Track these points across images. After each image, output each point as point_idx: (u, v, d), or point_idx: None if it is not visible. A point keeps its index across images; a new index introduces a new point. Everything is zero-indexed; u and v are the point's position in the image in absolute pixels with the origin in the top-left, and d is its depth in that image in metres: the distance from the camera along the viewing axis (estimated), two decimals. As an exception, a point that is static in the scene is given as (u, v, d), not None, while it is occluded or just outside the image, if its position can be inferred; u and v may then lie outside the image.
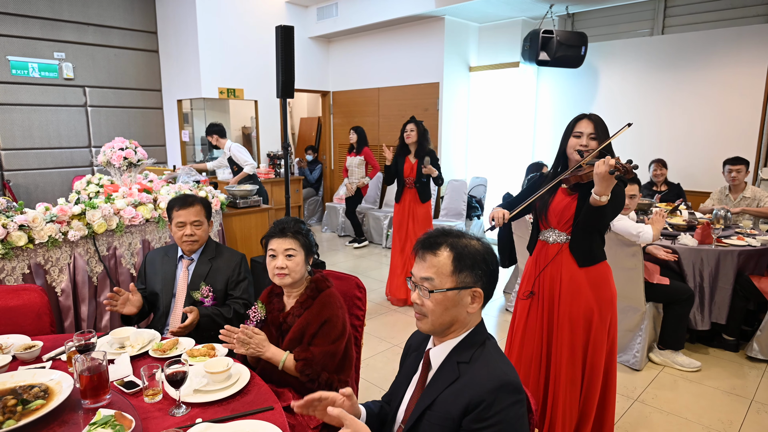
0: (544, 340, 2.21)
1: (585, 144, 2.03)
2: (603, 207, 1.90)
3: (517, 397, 1.10)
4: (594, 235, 2.08)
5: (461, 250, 1.19)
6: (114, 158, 3.36)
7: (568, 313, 2.11)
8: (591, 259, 2.09)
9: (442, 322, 1.20)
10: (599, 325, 2.09)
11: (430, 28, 6.23)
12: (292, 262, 1.79)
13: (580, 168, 1.99)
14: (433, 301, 1.19)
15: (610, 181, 1.83)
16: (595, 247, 2.09)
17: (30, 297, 2.08)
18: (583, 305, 2.08)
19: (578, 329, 2.10)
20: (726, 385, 3.02)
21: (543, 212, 2.17)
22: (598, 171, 1.81)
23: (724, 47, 5.03)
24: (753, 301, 3.36)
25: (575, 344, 2.11)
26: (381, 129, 7.12)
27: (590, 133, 2.03)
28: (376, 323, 3.99)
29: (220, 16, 6.29)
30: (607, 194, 1.87)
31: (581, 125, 2.07)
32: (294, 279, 1.81)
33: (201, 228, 2.30)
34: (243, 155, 5.34)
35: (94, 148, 6.52)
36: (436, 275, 1.19)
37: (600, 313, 2.09)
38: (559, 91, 6.29)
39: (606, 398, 2.21)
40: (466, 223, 6.11)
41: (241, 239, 4.01)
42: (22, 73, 5.85)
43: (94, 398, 1.39)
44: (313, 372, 1.71)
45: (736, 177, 4.22)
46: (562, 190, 2.12)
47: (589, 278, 2.09)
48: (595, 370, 2.12)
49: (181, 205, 2.28)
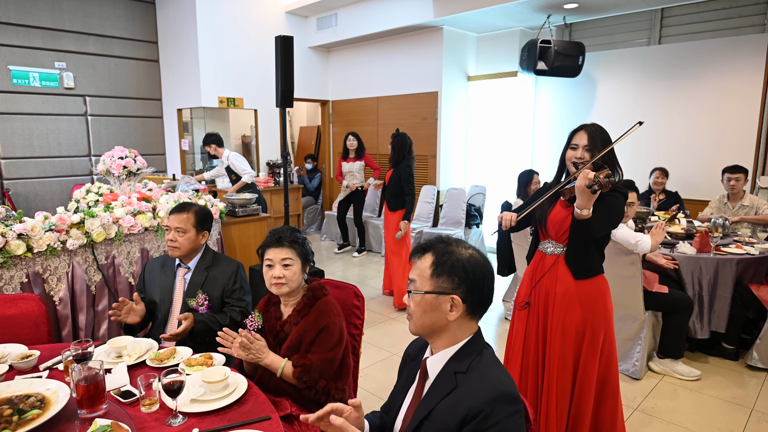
0: (539, 352, 2.20)
1: (580, 156, 2.04)
2: (588, 220, 1.89)
3: (515, 408, 1.09)
4: (589, 248, 2.06)
5: (442, 256, 1.21)
6: (113, 167, 3.37)
7: (560, 326, 2.09)
8: (587, 272, 2.08)
9: (423, 323, 1.23)
10: (591, 339, 2.08)
11: (428, 38, 6.28)
12: (289, 271, 1.80)
13: (575, 180, 2.00)
14: (413, 302, 1.23)
15: (589, 196, 1.84)
16: (591, 260, 2.08)
17: (27, 306, 2.07)
18: (575, 318, 2.07)
19: (569, 341, 2.08)
20: (726, 394, 3.01)
21: (542, 223, 2.17)
22: (578, 184, 1.84)
23: (720, 57, 5.06)
24: (752, 310, 3.36)
25: (566, 357, 2.09)
26: (380, 138, 7.14)
27: (585, 145, 2.04)
28: (375, 332, 3.98)
29: (220, 26, 6.34)
30: (588, 208, 1.87)
31: (577, 137, 2.09)
32: (291, 288, 1.81)
33: (184, 235, 2.26)
34: (241, 164, 5.35)
35: (94, 157, 6.54)
36: (417, 277, 1.23)
37: (592, 327, 2.07)
38: (557, 100, 6.33)
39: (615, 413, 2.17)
40: (465, 231, 6.11)
41: (240, 248, 4.01)
42: (23, 82, 5.89)
43: (90, 408, 1.38)
44: (310, 379, 1.71)
45: (734, 185, 4.23)
46: (560, 202, 2.12)
47: (583, 291, 2.07)
48: (586, 384, 2.09)
49: (173, 211, 2.30)
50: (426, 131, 6.51)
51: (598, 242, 2.08)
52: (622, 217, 2.03)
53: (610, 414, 2.18)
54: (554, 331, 2.11)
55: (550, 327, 2.13)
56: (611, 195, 1.98)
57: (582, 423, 2.11)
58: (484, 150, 6.62)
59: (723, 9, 5.16)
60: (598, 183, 1.80)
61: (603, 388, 2.17)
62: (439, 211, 6.43)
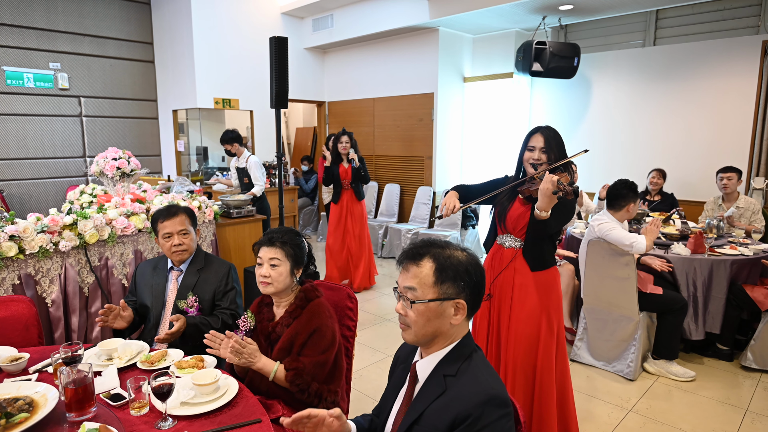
0: (493, 342, 2.33)
1: (537, 158, 2.15)
2: (546, 221, 2.02)
3: (505, 411, 1.09)
4: (545, 242, 2.20)
5: (444, 261, 1.19)
6: (107, 168, 3.36)
7: (519, 315, 2.22)
8: (541, 264, 2.21)
9: (425, 333, 1.19)
10: (547, 327, 2.21)
11: (424, 40, 6.28)
12: (275, 271, 1.80)
13: (533, 180, 2.11)
14: (416, 312, 1.18)
15: (552, 199, 1.93)
16: (546, 253, 2.22)
17: (18, 308, 2.06)
18: (534, 305, 2.20)
19: (527, 330, 2.20)
20: (720, 394, 3.02)
21: (502, 218, 2.27)
22: (543, 187, 1.92)
23: (715, 58, 5.08)
24: (746, 311, 3.36)
25: (525, 346, 2.20)
26: (376, 139, 7.14)
27: (541, 147, 2.15)
28: (369, 334, 3.97)
29: (215, 27, 6.32)
30: (548, 210, 1.97)
31: (533, 139, 2.18)
32: (276, 289, 1.81)
33: (188, 237, 2.29)
34: (259, 172, 5.15)
35: (88, 158, 6.51)
36: (418, 285, 1.19)
37: (548, 315, 2.22)
38: (553, 101, 6.34)
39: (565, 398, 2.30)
40: (461, 232, 6.11)
41: (235, 249, 4.00)
42: (17, 83, 5.86)
43: (79, 411, 1.38)
44: (303, 382, 1.70)
45: (727, 185, 4.25)
46: (519, 199, 2.22)
47: (538, 282, 2.21)
48: (546, 371, 2.21)
49: (166, 216, 2.28)
50: (422, 132, 6.51)
51: (552, 236, 2.23)
52: (573, 213, 2.19)
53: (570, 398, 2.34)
54: (513, 319, 2.23)
55: (507, 316, 2.26)
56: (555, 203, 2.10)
57: (547, 412, 2.20)
58: (480, 151, 6.62)
59: (717, 11, 5.18)
60: (564, 190, 1.89)
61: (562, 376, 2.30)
62: (435, 211, 6.43)
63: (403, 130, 6.76)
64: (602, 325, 3.34)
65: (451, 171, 6.72)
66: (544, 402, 2.20)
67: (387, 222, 6.69)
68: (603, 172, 5.74)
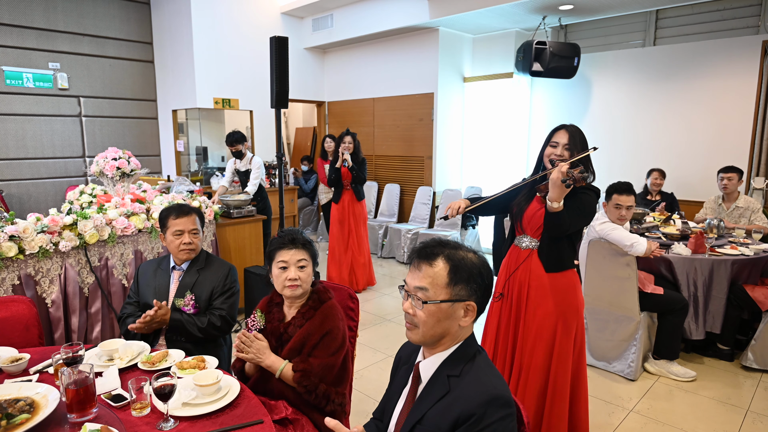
0: (510, 341, 2.26)
1: (560, 154, 2.10)
2: (559, 213, 1.95)
3: (507, 411, 1.08)
4: (562, 242, 2.12)
5: (458, 263, 1.17)
6: (107, 168, 3.35)
7: (534, 318, 2.16)
8: (558, 266, 2.13)
9: (433, 333, 1.18)
10: (564, 332, 2.14)
11: (424, 39, 6.28)
12: (304, 272, 1.79)
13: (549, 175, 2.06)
14: (426, 312, 1.17)
15: (562, 189, 1.88)
16: (563, 255, 2.13)
17: (18, 308, 2.05)
18: (549, 310, 2.13)
19: (543, 334, 2.14)
20: (721, 394, 3.01)
21: (519, 218, 2.22)
22: (552, 177, 1.89)
23: (715, 58, 5.08)
24: (747, 311, 3.36)
25: (540, 349, 2.15)
26: (376, 139, 7.14)
27: (565, 144, 2.10)
28: (370, 334, 3.97)
29: (215, 27, 6.31)
30: (559, 201, 1.92)
31: (557, 135, 2.14)
32: (305, 290, 1.81)
33: (198, 237, 2.31)
34: (259, 173, 5.05)
35: (88, 158, 6.50)
36: (430, 286, 1.17)
37: (565, 320, 2.14)
38: (553, 101, 6.33)
39: (577, 405, 2.25)
40: (461, 232, 6.11)
41: (235, 249, 3.99)
42: (16, 83, 5.84)
43: (80, 412, 1.37)
44: (310, 383, 1.69)
45: (727, 185, 4.24)
46: (537, 198, 2.17)
47: (555, 285, 2.13)
48: (561, 376, 2.15)
49: (179, 214, 2.28)
50: (422, 132, 6.51)
51: (571, 237, 2.14)
52: (594, 214, 2.11)
53: (583, 406, 2.27)
54: (528, 321, 2.17)
55: (523, 318, 2.20)
56: (583, 192, 2.04)
57: (557, 417, 2.16)
58: (480, 151, 6.62)
59: (717, 11, 5.18)
60: (571, 177, 1.85)
61: (577, 381, 2.24)
62: (435, 212, 6.43)
63: (403, 130, 6.75)
64: (603, 325, 3.33)
65: (451, 171, 6.72)
66: (556, 406, 2.16)
67: (387, 222, 6.69)
68: (603, 172, 5.73)
